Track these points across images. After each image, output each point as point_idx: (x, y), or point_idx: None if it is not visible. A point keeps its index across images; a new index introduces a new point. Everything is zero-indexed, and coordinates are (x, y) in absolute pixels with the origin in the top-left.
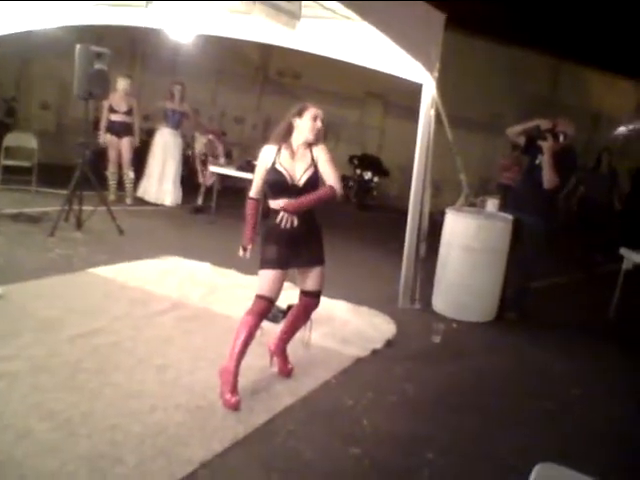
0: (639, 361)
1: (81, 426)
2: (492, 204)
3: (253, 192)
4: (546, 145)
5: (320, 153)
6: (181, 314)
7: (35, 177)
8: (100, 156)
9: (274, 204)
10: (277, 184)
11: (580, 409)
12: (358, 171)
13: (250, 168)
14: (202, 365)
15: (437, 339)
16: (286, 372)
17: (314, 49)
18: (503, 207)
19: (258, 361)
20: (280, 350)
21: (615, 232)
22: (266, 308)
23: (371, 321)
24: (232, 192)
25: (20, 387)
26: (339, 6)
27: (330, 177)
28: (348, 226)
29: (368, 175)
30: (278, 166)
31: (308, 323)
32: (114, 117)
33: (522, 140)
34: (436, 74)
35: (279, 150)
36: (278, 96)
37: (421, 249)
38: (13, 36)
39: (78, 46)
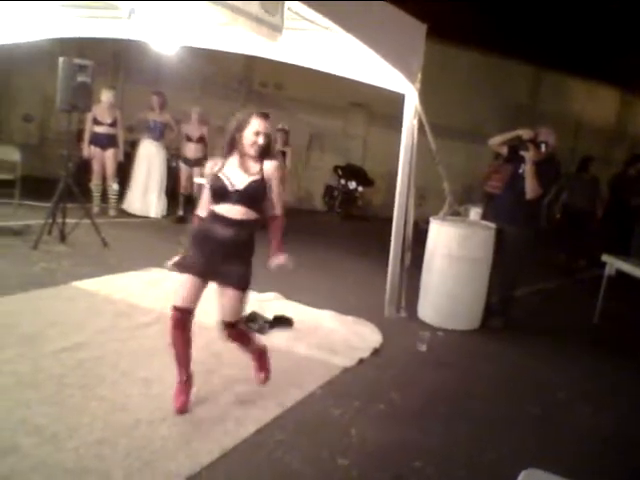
0: (623, 365)
1: (67, 441)
2: (475, 213)
3: (200, 209)
4: (528, 155)
5: (270, 169)
6: (166, 326)
7: (18, 190)
8: (84, 168)
9: (214, 207)
10: (218, 190)
11: (566, 413)
12: (342, 181)
13: None
14: None
15: (423, 347)
16: (263, 379)
17: (296, 60)
18: (486, 216)
19: (244, 372)
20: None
21: (598, 238)
22: (181, 320)
23: (357, 330)
24: None
25: (5, 402)
26: (320, 17)
27: (277, 203)
28: (333, 236)
29: (352, 185)
30: (221, 174)
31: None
32: (98, 129)
33: (505, 150)
34: (418, 84)
35: (226, 161)
36: (262, 107)
37: (406, 258)
38: None
39: (61, 59)
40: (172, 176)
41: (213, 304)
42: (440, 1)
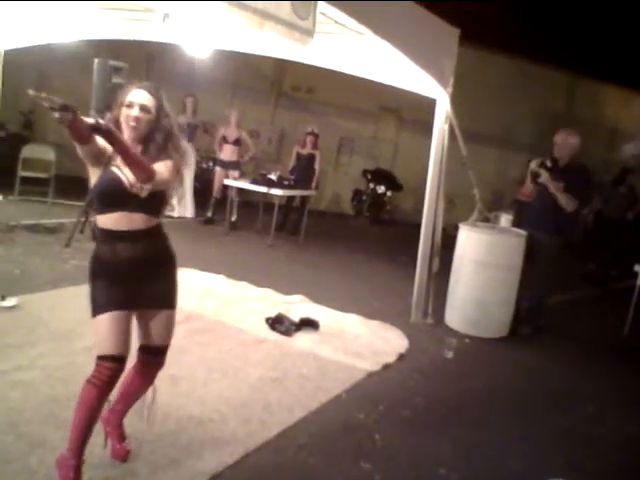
0: None
1: (95, 435)
2: (505, 220)
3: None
4: (545, 180)
5: (161, 169)
6: (194, 326)
7: (52, 189)
8: None
9: (103, 220)
10: (109, 190)
11: (594, 426)
12: (371, 185)
13: (264, 182)
14: (215, 377)
15: (449, 354)
16: (122, 455)
17: (328, 64)
18: (518, 223)
19: (270, 374)
20: (114, 425)
21: (631, 247)
22: (114, 372)
23: (383, 335)
24: (244, 204)
25: (35, 396)
26: (352, 21)
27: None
28: (360, 240)
29: (381, 189)
30: (113, 167)
31: (150, 391)
32: None
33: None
34: (450, 89)
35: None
36: (292, 110)
37: (434, 264)
38: (31, 49)
39: (96, 60)
40: (202, 178)
41: (243, 308)
42: (474, 6)
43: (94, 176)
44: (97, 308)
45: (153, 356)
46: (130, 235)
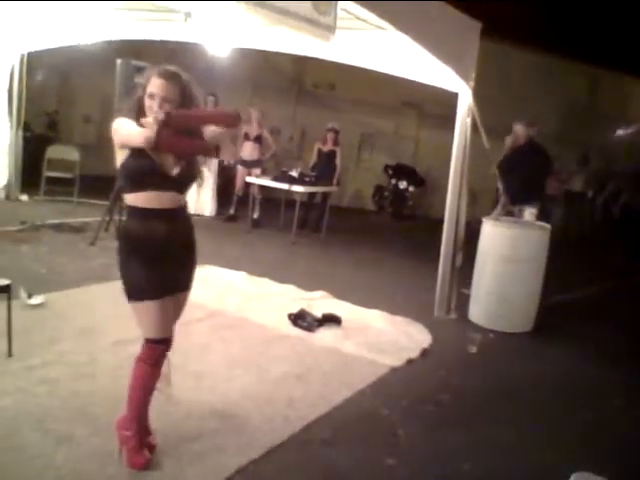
0: None
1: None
2: (529, 213)
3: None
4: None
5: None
6: (217, 322)
7: (77, 188)
8: None
9: (132, 199)
10: (142, 171)
11: (621, 421)
12: (393, 180)
13: (286, 179)
14: (238, 373)
15: (473, 349)
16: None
17: (349, 60)
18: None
19: (294, 370)
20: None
21: None
22: (162, 351)
23: (406, 330)
24: (266, 202)
25: (61, 392)
26: (373, 17)
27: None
28: (383, 235)
29: (403, 184)
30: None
31: (165, 366)
32: None
33: None
34: (472, 83)
35: (141, 127)
36: (313, 107)
37: (457, 258)
38: (55, 50)
39: (119, 61)
40: (224, 176)
41: (265, 304)
42: (495, 1)
43: (121, 155)
44: (140, 292)
45: (160, 344)
46: (164, 213)
